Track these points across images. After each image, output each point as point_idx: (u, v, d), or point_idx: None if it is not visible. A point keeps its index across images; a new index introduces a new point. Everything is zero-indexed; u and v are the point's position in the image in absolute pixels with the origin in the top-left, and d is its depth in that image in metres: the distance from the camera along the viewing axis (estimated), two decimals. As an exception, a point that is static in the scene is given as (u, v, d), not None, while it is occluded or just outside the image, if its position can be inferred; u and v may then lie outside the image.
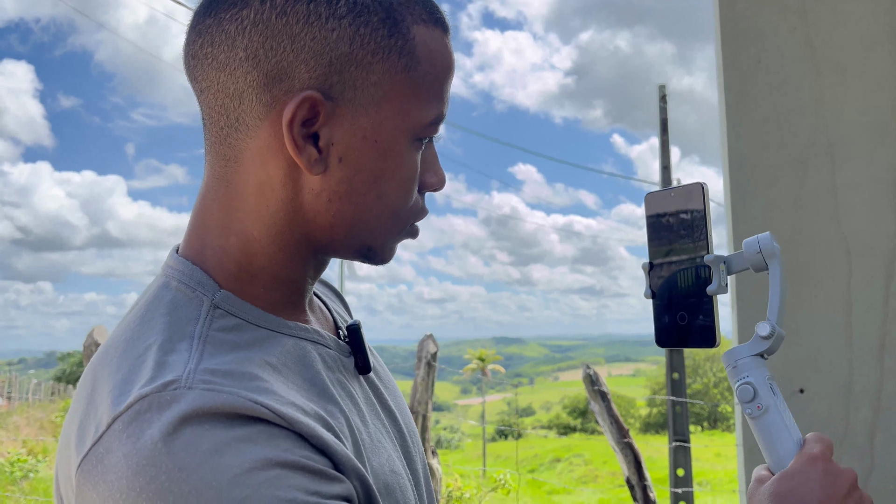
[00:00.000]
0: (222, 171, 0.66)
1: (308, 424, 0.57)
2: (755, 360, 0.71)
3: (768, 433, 0.70)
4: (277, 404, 0.56)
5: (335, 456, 0.58)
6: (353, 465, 0.59)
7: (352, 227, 0.66)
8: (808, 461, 0.66)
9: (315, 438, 0.57)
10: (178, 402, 0.54)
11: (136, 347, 0.60)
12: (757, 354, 0.71)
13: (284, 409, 0.56)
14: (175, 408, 0.54)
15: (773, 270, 0.72)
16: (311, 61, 0.61)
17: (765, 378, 0.71)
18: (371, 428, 0.69)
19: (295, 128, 0.62)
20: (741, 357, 0.71)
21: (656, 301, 0.75)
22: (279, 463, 0.53)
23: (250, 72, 0.62)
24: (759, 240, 0.73)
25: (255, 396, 0.56)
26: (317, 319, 0.74)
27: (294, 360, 0.65)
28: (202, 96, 0.66)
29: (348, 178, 0.65)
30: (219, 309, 0.64)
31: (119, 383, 0.57)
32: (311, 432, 0.57)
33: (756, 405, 0.70)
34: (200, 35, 0.64)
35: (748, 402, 0.70)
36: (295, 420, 0.56)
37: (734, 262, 0.73)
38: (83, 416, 0.59)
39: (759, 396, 0.70)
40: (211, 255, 0.66)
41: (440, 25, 0.67)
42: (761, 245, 0.72)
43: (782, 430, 0.69)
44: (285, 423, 0.56)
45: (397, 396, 0.80)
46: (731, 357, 0.72)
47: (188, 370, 0.57)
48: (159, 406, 0.54)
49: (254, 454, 0.53)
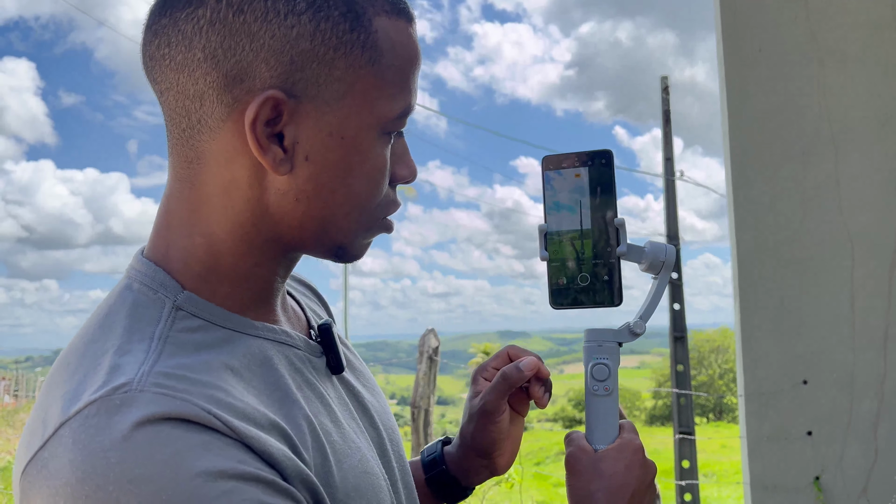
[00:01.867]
0: (185, 172, 0.65)
1: (258, 438, 0.55)
2: (617, 347, 0.78)
3: (603, 413, 0.77)
4: (228, 415, 0.55)
5: (282, 467, 0.56)
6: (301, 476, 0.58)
7: (321, 225, 0.65)
8: (633, 450, 0.75)
9: (264, 452, 0.55)
10: (128, 407, 0.52)
11: (94, 351, 0.59)
12: (619, 342, 0.78)
13: (235, 422, 0.55)
14: (125, 412, 0.52)
15: (661, 280, 0.78)
16: (271, 59, 0.60)
17: (617, 365, 0.78)
18: (344, 428, 0.68)
19: (258, 128, 0.60)
20: (608, 340, 0.78)
21: (554, 263, 0.77)
22: (234, 475, 0.52)
23: (209, 72, 0.60)
24: (666, 250, 0.77)
25: (206, 405, 0.54)
26: (288, 319, 0.73)
27: (258, 363, 0.63)
28: (162, 98, 0.64)
29: (315, 176, 0.63)
30: (181, 310, 0.62)
31: (72, 388, 0.56)
32: (259, 446, 0.55)
33: (605, 386, 0.77)
34: (157, 35, 0.63)
35: (600, 381, 0.77)
36: (244, 433, 0.55)
37: (632, 251, 0.76)
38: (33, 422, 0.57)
39: (610, 379, 0.77)
40: (176, 257, 0.65)
41: (403, 16, 0.66)
42: (667, 256, 0.77)
43: (614, 413, 0.77)
44: (235, 434, 0.54)
45: (377, 395, 0.79)
46: (599, 336, 0.78)
47: (141, 372, 0.55)
48: (108, 411, 0.52)
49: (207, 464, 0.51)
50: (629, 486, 0.73)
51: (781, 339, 2.22)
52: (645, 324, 0.78)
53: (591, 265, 0.76)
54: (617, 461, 0.74)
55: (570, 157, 0.77)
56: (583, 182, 0.76)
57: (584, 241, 0.76)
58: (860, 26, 2.22)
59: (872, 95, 2.22)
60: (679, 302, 8.42)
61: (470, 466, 0.86)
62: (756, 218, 2.24)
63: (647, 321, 0.78)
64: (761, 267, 2.23)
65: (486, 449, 0.83)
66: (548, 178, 0.77)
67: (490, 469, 0.85)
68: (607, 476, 0.73)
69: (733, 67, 2.26)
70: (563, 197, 0.77)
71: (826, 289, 2.22)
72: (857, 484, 2.16)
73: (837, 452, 2.18)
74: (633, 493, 0.73)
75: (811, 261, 2.22)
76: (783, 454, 2.19)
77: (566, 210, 0.76)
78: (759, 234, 2.24)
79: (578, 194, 0.76)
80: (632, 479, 0.73)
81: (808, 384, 2.20)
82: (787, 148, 2.24)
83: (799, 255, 2.22)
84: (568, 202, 0.77)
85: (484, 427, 0.81)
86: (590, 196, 0.76)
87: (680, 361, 8.19)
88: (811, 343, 2.21)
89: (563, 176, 0.77)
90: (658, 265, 0.76)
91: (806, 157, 2.23)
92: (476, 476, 0.86)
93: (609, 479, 0.73)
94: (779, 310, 2.22)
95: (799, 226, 2.22)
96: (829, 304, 2.22)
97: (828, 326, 2.21)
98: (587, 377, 0.78)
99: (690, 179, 10.60)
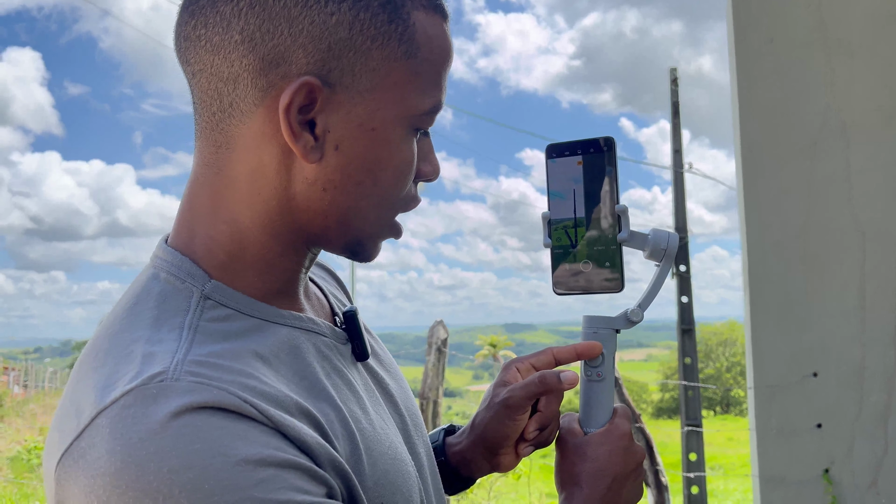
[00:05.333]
0: (213, 157, 0.64)
1: (292, 425, 0.56)
2: (613, 333, 0.79)
3: (596, 398, 0.79)
4: (263, 403, 0.55)
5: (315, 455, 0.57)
6: (334, 464, 0.58)
7: (346, 217, 0.65)
8: (619, 436, 0.76)
9: (298, 440, 0.56)
10: (165, 396, 0.52)
11: (123, 340, 0.58)
12: (616, 329, 0.79)
13: (270, 409, 0.55)
14: (162, 402, 0.52)
15: (663, 268, 0.78)
16: (309, 46, 0.60)
17: (613, 352, 0.79)
18: (372, 415, 0.68)
19: (292, 114, 0.60)
20: (604, 327, 0.79)
21: (556, 250, 0.78)
22: (273, 462, 0.52)
23: (246, 55, 0.60)
24: (669, 238, 0.77)
25: (242, 394, 0.54)
26: (312, 307, 0.73)
27: (286, 351, 0.64)
28: (194, 80, 0.64)
29: (343, 166, 0.63)
30: (209, 300, 0.62)
31: (104, 377, 0.55)
32: (294, 433, 0.55)
33: (598, 372, 0.78)
34: (193, 16, 0.62)
35: (594, 367, 0.79)
36: (279, 420, 0.55)
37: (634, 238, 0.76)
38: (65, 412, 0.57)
39: (605, 365, 0.78)
40: (200, 245, 0.65)
41: (440, 12, 0.66)
42: (669, 244, 0.77)
43: (607, 399, 0.79)
44: (270, 422, 0.54)
45: (399, 380, 0.80)
46: (596, 323, 0.79)
47: (176, 361, 0.55)
48: (145, 400, 0.52)
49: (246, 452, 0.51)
50: (611, 471, 0.74)
51: (791, 332, 2.21)
52: (643, 312, 0.78)
53: (594, 252, 0.76)
54: (601, 445, 0.76)
55: (572, 145, 0.77)
56: (585, 169, 0.77)
57: (587, 227, 0.76)
58: (871, 18, 2.20)
59: (883, 87, 2.20)
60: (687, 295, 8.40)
61: (473, 457, 0.85)
62: (766, 210, 2.23)
63: (646, 310, 0.79)
64: (771, 260, 2.22)
65: (495, 443, 0.82)
66: (551, 166, 0.78)
67: (492, 465, 0.84)
68: (591, 459, 0.75)
69: (744, 58, 2.25)
70: (565, 184, 0.77)
71: (835, 281, 2.21)
72: (866, 476, 2.16)
73: (846, 445, 2.17)
74: (614, 478, 0.74)
75: (821, 253, 2.21)
76: (792, 447, 2.19)
77: (569, 197, 0.77)
78: (769, 226, 2.23)
79: (581, 181, 0.77)
80: (614, 464, 0.75)
81: (818, 377, 2.20)
82: (797, 139, 2.23)
83: (808, 247, 2.22)
84: (570, 189, 0.77)
85: (501, 420, 0.81)
86: (592, 183, 0.76)
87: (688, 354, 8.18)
88: (820, 336, 2.20)
89: (565, 163, 0.77)
90: (660, 253, 0.76)
91: (816, 148, 2.22)
92: (476, 469, 0.85)
93: (592, 462, 0.75)
94: (788, 302, 2.22)
95: (808, 218, 2.21)
96: (839, 296, 2.21)
97: (837, 319, 2.20)
98: (582, 362, 0.79)
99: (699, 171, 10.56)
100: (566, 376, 0.78)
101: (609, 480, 0.74)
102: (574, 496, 0.75)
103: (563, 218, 0.77)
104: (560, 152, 0.78)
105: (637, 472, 0.77)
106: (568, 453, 0.77)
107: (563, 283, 0.78)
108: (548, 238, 0.78)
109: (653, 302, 0.79)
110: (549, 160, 0.78)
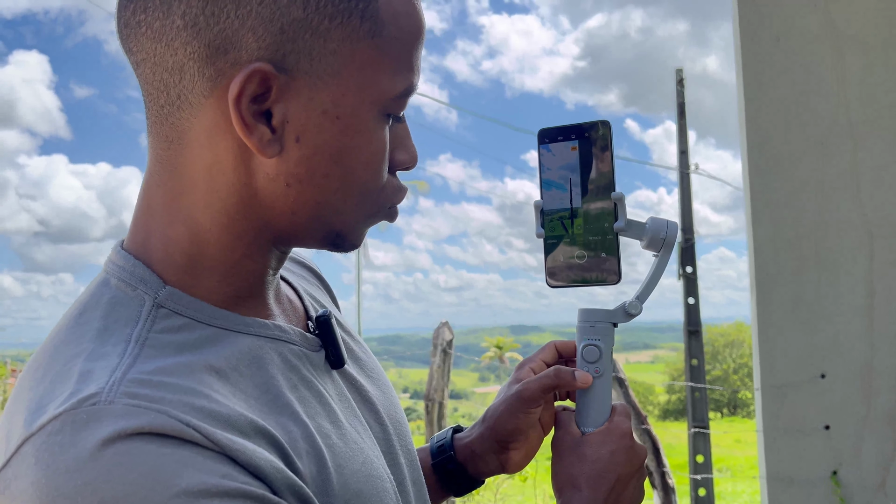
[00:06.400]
0: (165, 153, 0.59)
1: (243, 449, 0.51)
2: (611, 327, 0.75)
3: (594, 396, 0.75)
4: (210, 425, 0.50)
5: (270, 480, 0.52)
6: (293, 488, 0.53)
7: (315, 212, 0.60)
8: (620, 435, 0.72)
9: (250, 464, 0.50)
10: (96, 421, 0.47)
11: (64, 355, 0.53)
12: (613, 323, 0.75)
13: (217, 433, 0.50)
14: (93, 428, 0.47)
15: (662, 258, 0.74)
16: (259, 28, 0.54)
17: (611, 347, 0.76)
18: (346, 429, 0.63)
19: (243, 105, 0.55)
20: (601, 321, 0.75)
21: (550, 241, 0.74)
22: (218, 491, 0.47)
23: (190, 42, 0.54)
24: (668, 226, 0.73)
25: (184, 416, 0.49)
26: (283, 311, 0.67)
27: (246, 363, 0.58)
28: (138, 70, 0.58)
29: (307, 158, 0.57)
30: (163, 308, 0.57)
31: (38, 398, 0.50)
32: (245, 458, 0.50)
33: (595, 368, 0.75)
34: (132, 0, 0.57)
35: (591, 363, 0.75)
36: (227, 445, 0.50)
37: (631, 227, 0.73)
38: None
39: (602, 361, 0.75)
40: (156, 248, 0.60)
41: None
42: (668, 233, 0.73)
43: (605, 397, 0.75)
44: (217, 447, 0.49)
45: (382, 386, 0.75)
46: (592, 316, 0.76)
47: (112, 381, 0.50)
48: (74, 426, 0.47)
49: (187, 482, 0.46)
50: (613, 472, 0.70)
51: (798, 332, 2.20)
52: (641, 304, 0.75)
53: (589, 242, 0.73)
54: (601, 446, 0.72)
55: (566, 130, 0.73)
56: (580, 155, 0.73)
57: (582, 216, 0.73)
58: (880, 13, 2.19)
59: (893, 84, 2.18)
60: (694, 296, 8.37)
61: (482, 450, 0.81)
62: (773, 210, 2.22)
63: (644, 302, 0.75)
64: (778, 259, 2.21)
65: (506, 436, 0.79)
66: (544, 152, 0.74)
67: (500, 461, 0.81)
68: (590, 461, 0.71)
69: (750, 57, 2.23)
70: (559, 171, 0.74)
71: (843, 281, 2.20)
72: (875, 478, 2.14)
73: (855, 446, 2.15)
74: (617, 479, 0.71)
75: (828, 253, 2.20)
76: (800, 448, 2.18)
77: (562, 185, 0.74)
78: (776, 226, 2.22)
79: (575, 168, 0.73)
80: (616, 464, 0.71)
81: (826, 378, 2.18)
82: (804, 139, 2.21)
83: (816, 247, 2.20)
84: (564, 177, 0.73)
85: (514, 412, 0.78)
86: (587, 170, 0.73)
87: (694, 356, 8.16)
88: (828, 336, 2.19)
89: (559, 149, 0.74)
90: (658, 242, 0.73)
91: (824, 147, 2.20)
92: (484, 465, 0.82)
93: (592, 464, 0.71)
94: (796, 302, 2.20)
95: (816, 217, 2.20)
96: (847, 296, 2.19)
97: (845, 319, 2.19)
98: (578, 358, 0.76)
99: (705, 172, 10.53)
100: (580, 375, 0.75)
101: (611, 482, 0.70)
102: (573, 499, 0.71)
103: (556, 206, 0.74)
104: (553, 137, 0.74)
105: (640, 473, 0.74)
106: (565, 454, 0.73)
107: (557, 275, 0.74)
108: (541, 228, 0.75)
109: (654, 297, 0.76)
110: (542, 146, 0.74)
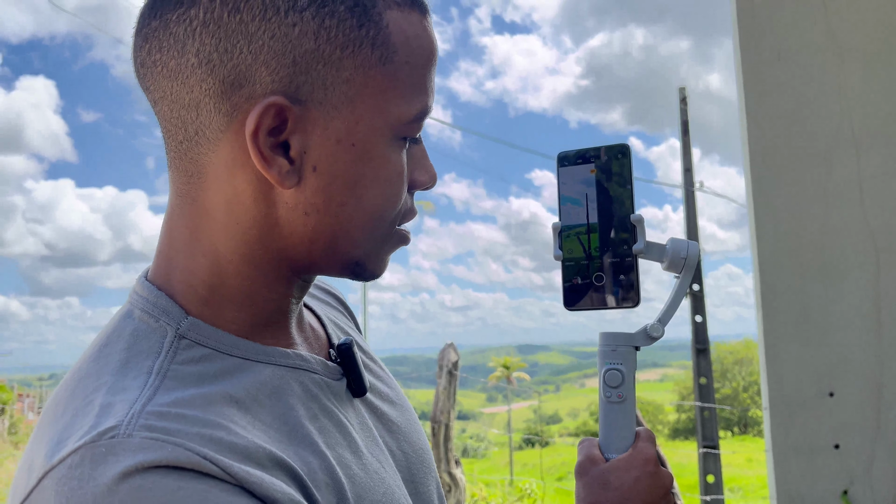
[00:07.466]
0: (186, 187, 0.60)
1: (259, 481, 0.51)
2: (633, 351, 0.74)
3: (616, 421, 0.74)
4: (227, 458, 0.50)
5: None
6: None
7: (332, 241, 0.60)
8: (644, 461, 0.70)
9: (267, 497, 0.51)
10: (114, 455, 0.47)
11: (87, 388, 0.54)
12: (635, 347, 0.74)
13: (234, 466, 0.50)
14: (111, 461, 0.47)
15: (683, 279, 0.74)
16: (272, 62, 0.55)
17: (633, 371, 0.74)
18: (367, 459, 0.63)
19: (261, 139, 0.56)
20: (623, 344, 0.74)
21: (568, 262, 0.74)
22: None
23: (205, 79, 0.56)
24: (689, 246, 0.73)
25: (201, 449, 0.50)
26: (305, 339, 0.68)
27: (266, 393, 0.59)
28: (156, 107, 0.60)
29: (325, 188, 0.58)
30: (185, 339, 0.58)
31: (59, 431, 0.51)
32: (262, 490, 0.51)
33: (618, 393, 0.74)
34: (147, 40, 0.58)
35: (613, 388, 0.74)
36: (244, 477, 0.50)
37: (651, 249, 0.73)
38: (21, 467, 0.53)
39: (625, 385, 0.74)
40: (178, 279, 0.61)
41: (417, 7, 0.61)
42: (689, 253, 0.73)
43: (629, 422, 0.74)
44: (234, 479, 0.50)
45: (406, 412, 0.75)
46: (614, 340, 0.74)
47: (132, 413, 0.50)
48: (93, 460, 0.47)
49: None
50: (637, 499, 0.69)
51: (806, 349, 2.17)
52: (663, 327, 0.74)
53: (608, 264, 0.72)
54: (626, 472, 0.70)
55: (585, 153, 0.74)
56: (598, 178, 0.73)
57: (600, 238, 0.73)
58: (880, 24, 2.18)
59: (895, 93, 2.17)
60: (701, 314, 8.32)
61: None
62: (777, 224, 2.20)
63: (667, 324, 0.74)
64: (783, 274, 2.18)
65: None
66: (563, 175, 0.74)
67: None
68: (614, 488, 0.69)
69: (751, 72, 2.23)
70: (577, 194, 0.74)
71: (850, 296, 2.17)
72: (886, 497, 2.10)
73: (865, 465, 2.11)
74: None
75: (834, 267, 2.17)
76: (810, 467, 2.14)
77: (581, 207, 0.73)
78: (781, 240, 2.19)
79: (594, 190, 0.73)
80: (640, 491, 0.69)
81: (834, 396, 2.15)
82: (807, 151, 2.20)
83: (822, 261, 2.17)
84: (583, 199, 0.73)
85: None
86: (605, 192, 0.73)
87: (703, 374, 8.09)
88: (836, 352, 2.15)
89: (578, 172, 0.74)
90: (679, 263, 0.72)
91: (827, 159, 2.18)
92: None
93: (616, 491, 0.69)
94: (802, 318, 2.17)
95: (821, 231, 2.17)
96: (854, 311, 2.16)
97: (853, 334, 2.16)
98: (600, 383, 0.74)
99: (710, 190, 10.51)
100: None
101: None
102: None
103: (574, 228, 0.73)
104: (572, 161, 0.74)
105: (665, 500, 0.71)
106: (589, 482, 0.71)
107: (574, 299, 0.74)
108: (558, 250, 0.74)
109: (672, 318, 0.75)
110: (561, 168, 0.74)
